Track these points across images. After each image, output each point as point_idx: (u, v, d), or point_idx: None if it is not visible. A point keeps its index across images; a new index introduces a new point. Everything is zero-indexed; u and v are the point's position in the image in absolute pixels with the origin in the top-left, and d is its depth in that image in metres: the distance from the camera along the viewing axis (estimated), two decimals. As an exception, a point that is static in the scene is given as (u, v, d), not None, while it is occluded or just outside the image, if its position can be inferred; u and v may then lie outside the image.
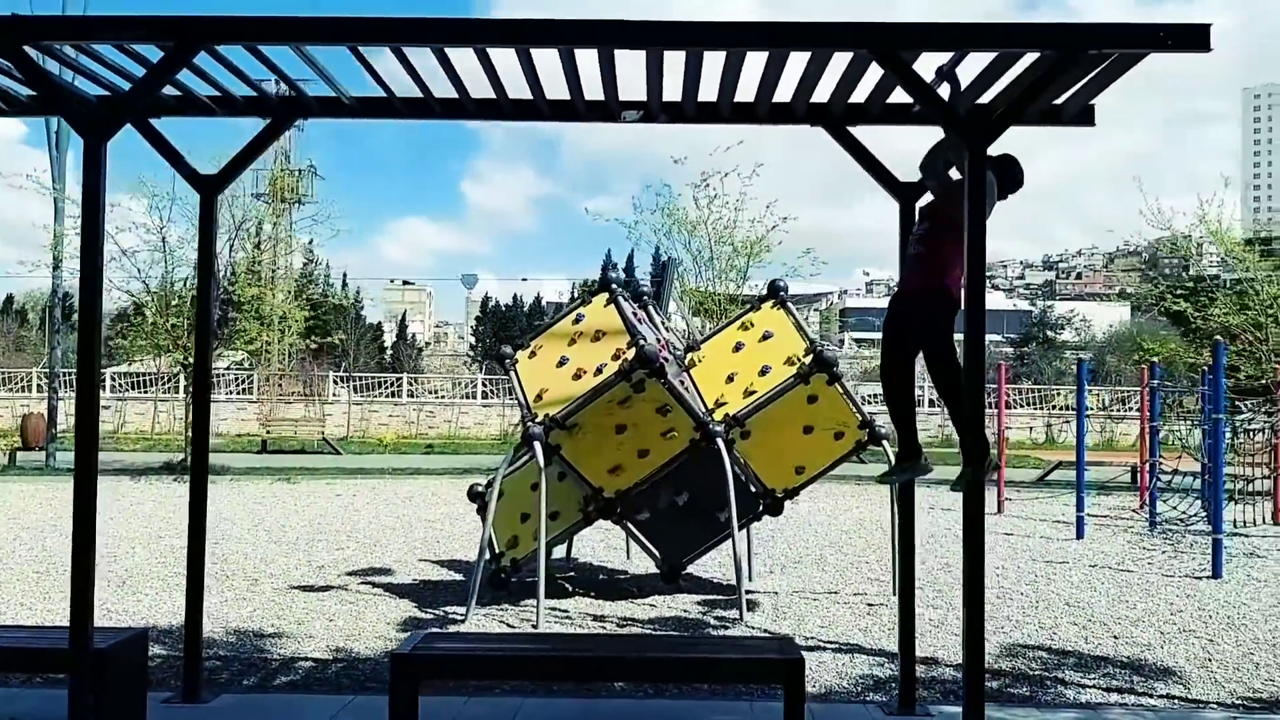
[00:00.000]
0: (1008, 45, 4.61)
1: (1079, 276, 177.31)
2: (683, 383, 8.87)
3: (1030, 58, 4.72)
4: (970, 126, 4.54)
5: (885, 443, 8.78)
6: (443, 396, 39.31)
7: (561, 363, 8.60)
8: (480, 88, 5.48)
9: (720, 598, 9.07)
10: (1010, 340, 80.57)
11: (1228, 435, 14.70)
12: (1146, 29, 4.45)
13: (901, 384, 5.66)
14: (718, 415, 8.78)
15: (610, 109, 5.60)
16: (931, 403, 33.16)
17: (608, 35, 4.63)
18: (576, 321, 8.89)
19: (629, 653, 5.00)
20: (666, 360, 8.61)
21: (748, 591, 9.40)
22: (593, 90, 5.43)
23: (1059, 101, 5.48)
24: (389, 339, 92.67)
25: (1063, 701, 6.26)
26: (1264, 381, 16.31)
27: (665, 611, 8.65)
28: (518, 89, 5.46)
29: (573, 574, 10.19)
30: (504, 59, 5.02)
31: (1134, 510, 15.71)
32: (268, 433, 28.68)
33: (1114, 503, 17.07)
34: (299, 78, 5.49)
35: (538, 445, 8.08)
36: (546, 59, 4.96)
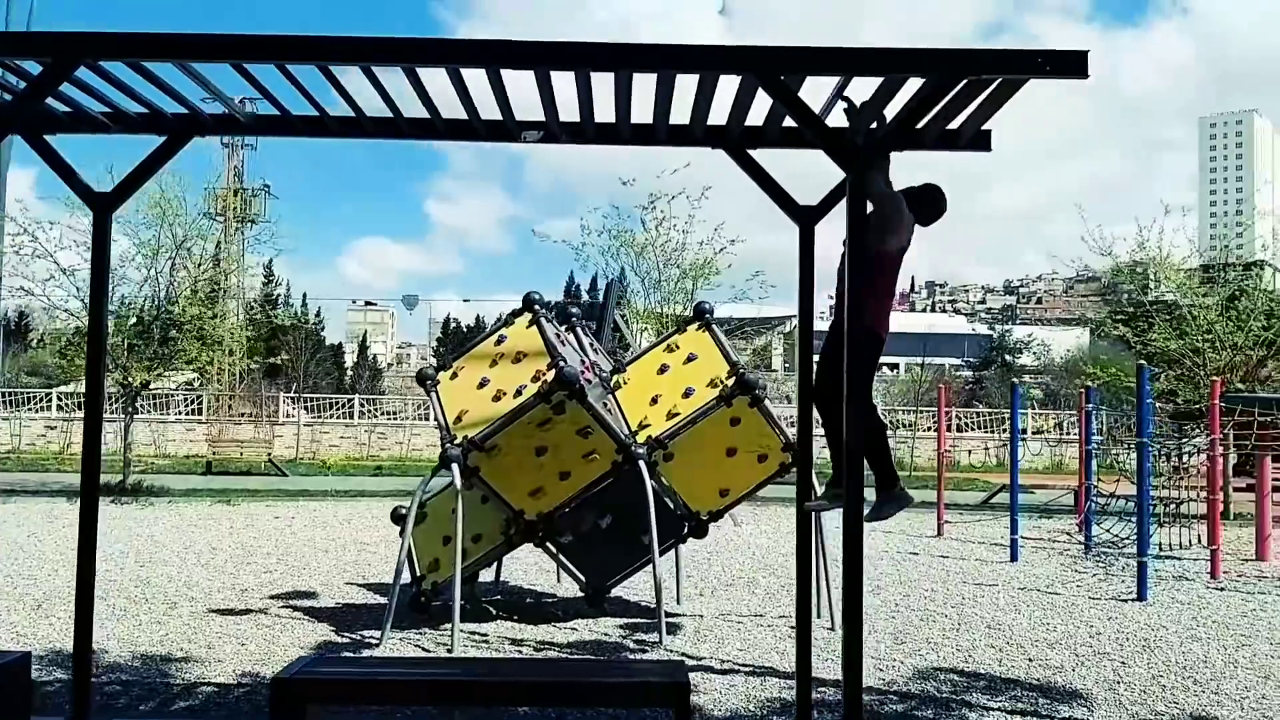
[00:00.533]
0: (891, 70, 4.64)
1: (1039, 301, 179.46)
2: (606, 405, 8.85)
3: (917, 83, 4.76)
4: (848, 152, 4.56)
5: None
6: (398, 418, 39.06)
7: (482, 384, 8.56)
8: (378, 106, 5.45)
9: (644, 620, 9.01)
10: (969, 364, 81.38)
11: (1164, 458, 14.88)
12: (1026, 55, 4.50)
13: (835, 415, 5.64)
14: (641, 437, 8.76)
15: (509, 129, 5.60)
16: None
17: (494, 56, 4.62)
18: (499, 343, 8.86)
19: (512, 677, 4.95)
20: (589, 382, 8.59)
21: (675, 615, 9.39)
22: (500, 109, 5.43)
23: (954, 126, 5.53)
24: (350, 359, 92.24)
25: (965, 724, 6.27)
26: (1200, 406, 16.49)
27: (586, 635, 8.60)
28: (413, 108, 5.45)
29: (499, 597, 10.11)
30: (398, 79, 5.00)
31: (1068, 533, 15.81)
32: (213, 454, 28.37)
33: (1054, 526, 17.19)
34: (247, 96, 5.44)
35: (455, 467, 8.03)
36: (437, 78, 4.95)
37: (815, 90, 4.97)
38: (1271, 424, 14.06)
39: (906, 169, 5.70)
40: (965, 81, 4.74)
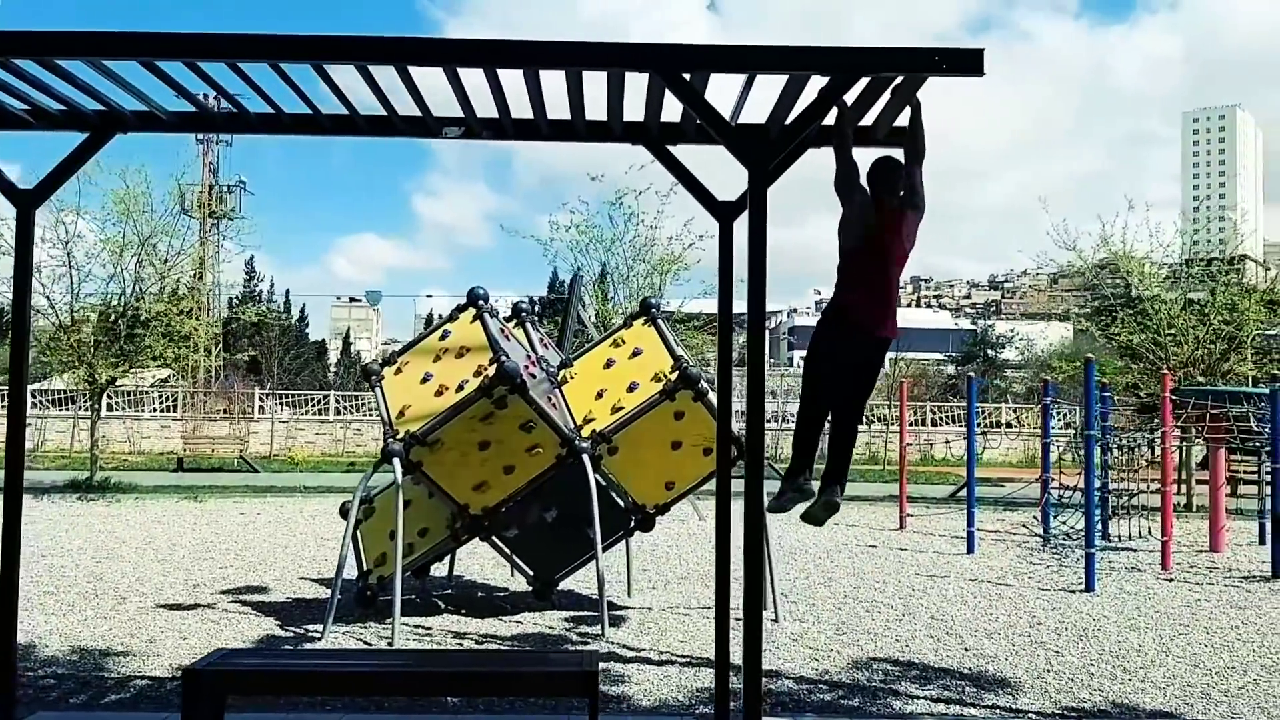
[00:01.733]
0: (793, 69, 4.70)
1: (1024, 296, 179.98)
2: (551, 399, 8.91)
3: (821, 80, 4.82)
4: (748, 147, 4.62)
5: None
6: (376, 414, 39.00)
7: (425, 379, 8.61)
8: (298, 103, 5.49)
9: (591, 613, 9.07)
10: (952, 359, 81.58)
11: (1122, 451, 15.01)
12: (923, 53, 4.57)
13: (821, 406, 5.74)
14: (586, 431, 8.83)
15: (429, 125, 5.64)
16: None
17: (403, 53, 4.66)
18: (443, 338, 8.90)
19: (427, 668, 5.01)
20: (532, 377, 8.64)
21: (623, 607, 9.47)
22: (417, 106, 5.48)
23: (867, 123, 5.60)
24: (334, 356, 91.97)
25: (887, 712, 6.35)
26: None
27: (530, 628, 8.66)
28: (334, 105, 5.49)
29: (450, 591, 10.17)
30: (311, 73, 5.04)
31: (1026, 526, 15.94)
32: (185, 451, 28.34)
33: (1017, 518, 17.31)
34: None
35: (396, 462, 8.08)
36: (349, 74, 4.99)
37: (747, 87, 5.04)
38: (1225, 416, 14.19)
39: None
40: (869, 79, 4.83)
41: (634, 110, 5.60)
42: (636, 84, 5.19)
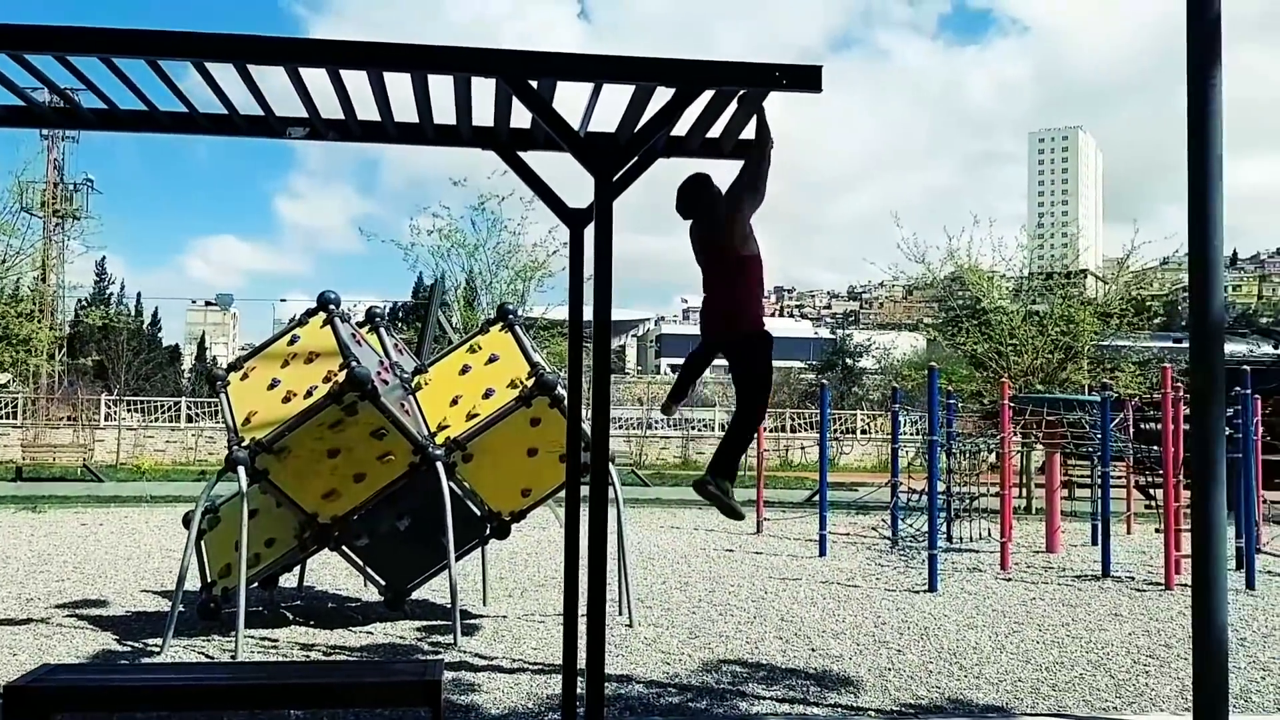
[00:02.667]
0: (639, 79, 4.77)
1: (881, 306, 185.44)
2: (404, 405, 8.80)
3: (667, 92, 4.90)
4: (594, 155, 4.66)
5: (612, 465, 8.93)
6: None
7: (273, 385, 8.40)
8: (134, 100, 5.32)
9: (444, 623, 8.97)
10: (813, 367, 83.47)
11: (964, 456, 15.59)
12: (764, 69, 4.69)
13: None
14: (440, 438, 8.74)
15: (271, 125, 5.53)
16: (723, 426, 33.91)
17: (241, 51, 4.55)
18: (292, 343, 8.71)
19: (264, 680, 4.89)
20: (385, 383, 8.52)
21: (478, 615, 9.41)
22: (259, 105, 5.36)
23: (714, 135, 5.71)
24: (188, 362, 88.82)
25: (734, 714, 6.45)
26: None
27: (381, 639, 8.52)
28: (172, 103, 5.33)
29: (299, 602, 9.93)
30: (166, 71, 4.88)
31: (875, 529, 16.42)
32: (25, 459, 27.00)
33: (868, 521, 17.80)
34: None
35: (241, 470, 7.87)
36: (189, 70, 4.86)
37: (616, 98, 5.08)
38: (1062, 423, 14.89)
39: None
40: (713, 92, 4.93)
41: (486, 115, 5.60)
42: (487, 89, 5.20)
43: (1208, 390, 6.01)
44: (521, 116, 5.55)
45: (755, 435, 6.60)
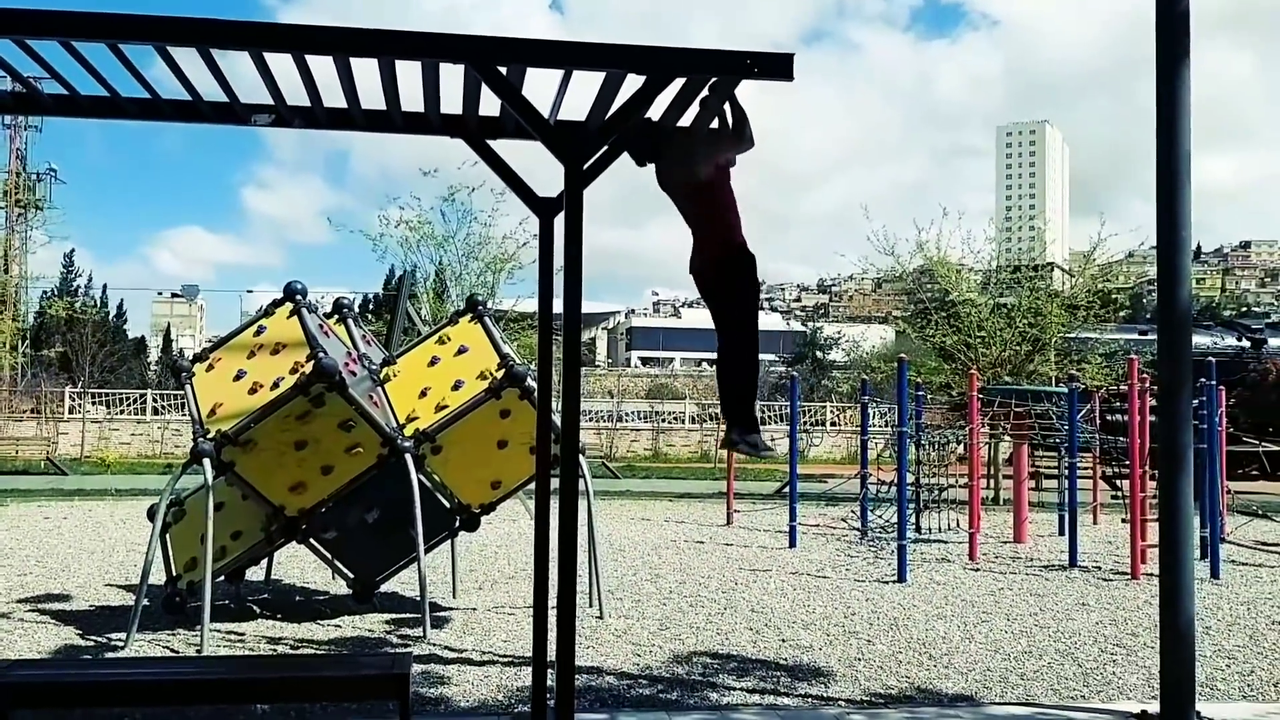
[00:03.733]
0: (610, 66, 4.72)
1: (850, 299, 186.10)
2: (372, 397, 8.72)
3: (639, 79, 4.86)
4: (564, 142, 4.62)
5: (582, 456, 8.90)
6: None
7: (239, 376, 8.29)
8: (95, 85, 5.21)
9: (412, 615, 8.91)
10: (784, 359, 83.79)
11: (933, 447, 15.66)
12: (735, 56, 4.65)
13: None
14: (409, 430, 8.67)
15: (237, 112, 5.45)
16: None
17: (204, 35, 4.47)
18: (258, 334, 8.60)
19: (230, 675, 4.82)
20: (353, 374, 8.44)
21: (447, 608, 9.35)
22: (224, 91, 5.27)
23: (685, 123, 5.68)
24: (154, 354, 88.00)
25: (705, 704, 6.45)
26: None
27: (349, 632, 8.45)
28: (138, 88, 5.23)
29: (267, 596, 9.84)
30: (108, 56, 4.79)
31: (844, 520, 16.47)
32: (-14, 453, 26.69)
33: (837, 513, 17.85)
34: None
35: (207, 462, 7.77)
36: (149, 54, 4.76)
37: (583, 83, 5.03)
38: (1029, 414, 14.99)
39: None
40: (684, 80, 4.90)
41: (456, 103, 5.54)
42: (456, 76, 5.14)
43: (1176, 381, 6.06)
44: (491, 104, 5.48)
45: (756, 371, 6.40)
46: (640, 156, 5.65)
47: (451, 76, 5.11)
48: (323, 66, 4.92)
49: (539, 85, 5.02)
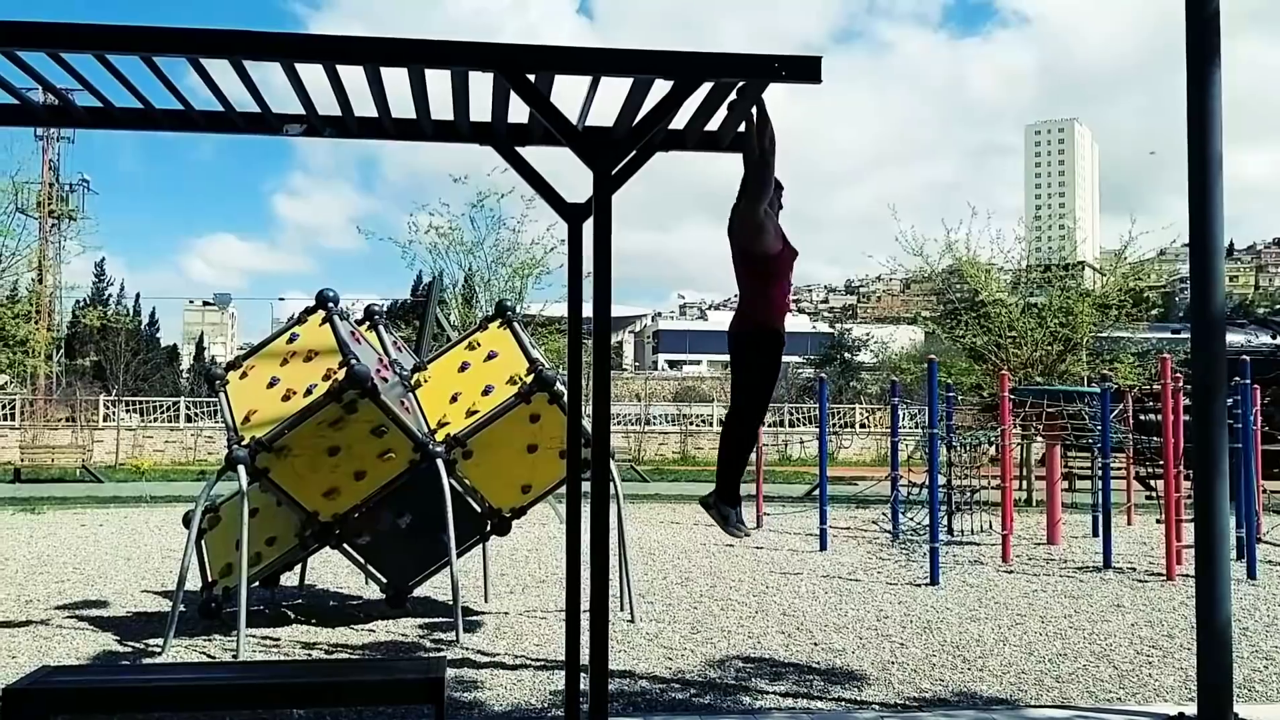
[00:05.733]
0: (637, 71, 4.73)
1: (878, 300, 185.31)
2: (404, 403, 8.78)
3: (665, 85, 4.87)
4: (592, 149, 4.64)
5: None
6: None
7: (272, 383, 8.38)
8: (129, 98, 5.29)
9: (445, 620, 8.96)
10: (811, 361, 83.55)
11: (965, 449, 15.58)
12: (763, 60, 4.66)
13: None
14: (440, 435, 8.72)
15: (269, 121, 5.50)
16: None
17: (236, 46, 4.52)
18: (290, 341, 8.68)
19: (266, 679, 4.87)
20: (384, 380, 8.50)
21: (480, 612, 9.39)
22: (255, 101, 5.33)
23: (713, 128, 5.69)
24: (187, 361, 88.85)
25: (738, 709, 6.44)
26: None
27: (383, 636, 8.51)
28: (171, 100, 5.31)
29: (301, 601, 9.92)
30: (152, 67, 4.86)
31: (875, 522, 16.41)
32: (23, 460, 26.97)
33: (868, 515, 17.80)
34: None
35: (241, 469, 7.85)
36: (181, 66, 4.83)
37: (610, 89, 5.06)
38: (1061, 415, 14.88)
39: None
40: (712, 84, 4.90)
41: (485, 111, 5.57)
42: (485, 84, 5.17)
43: (1210, 379, 6.01)
44: (519, 111, 5.52)
45: (754, 446, 6.22)
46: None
47: (481, 84, 5.15)
48: (353, 76, 4.97)
49: (567, 91, 5.05)
